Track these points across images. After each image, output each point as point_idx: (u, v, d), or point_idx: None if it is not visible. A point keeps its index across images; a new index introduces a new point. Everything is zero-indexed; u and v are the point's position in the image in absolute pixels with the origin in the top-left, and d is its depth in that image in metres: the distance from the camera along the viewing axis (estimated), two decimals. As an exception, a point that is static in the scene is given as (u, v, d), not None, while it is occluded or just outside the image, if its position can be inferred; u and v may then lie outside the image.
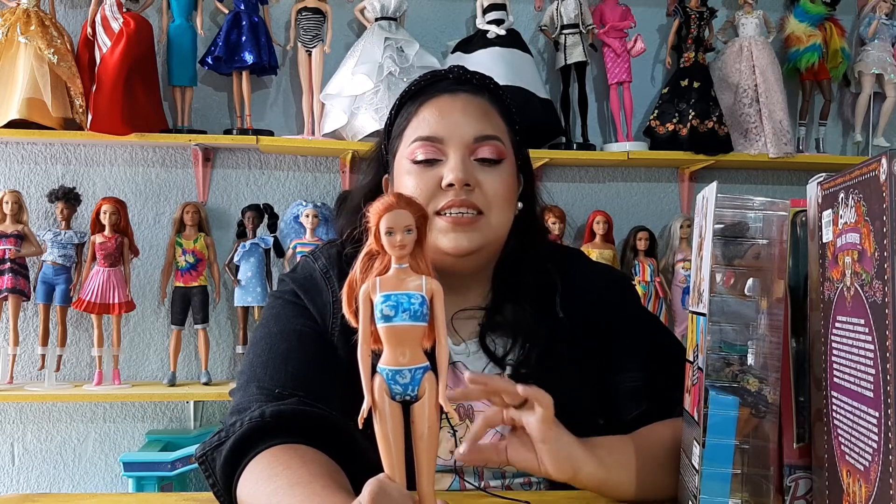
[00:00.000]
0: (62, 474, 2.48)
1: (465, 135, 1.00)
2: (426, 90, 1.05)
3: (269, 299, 1.09)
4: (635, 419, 0.98)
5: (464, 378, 1.02)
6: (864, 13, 2.76)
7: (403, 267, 0.62)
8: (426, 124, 1.01)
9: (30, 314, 2.42)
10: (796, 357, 0.73)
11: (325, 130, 2.42)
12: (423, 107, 1.03)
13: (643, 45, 2.57)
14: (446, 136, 1.00)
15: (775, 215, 0.73)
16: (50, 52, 2.24)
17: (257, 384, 0.96)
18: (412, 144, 1.01)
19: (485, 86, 1.07)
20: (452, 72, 1.07)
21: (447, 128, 1.00)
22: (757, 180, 2.79)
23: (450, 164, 0.99)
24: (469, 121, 1.01)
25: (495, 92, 1.07)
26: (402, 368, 0.61)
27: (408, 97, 1.06)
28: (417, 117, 1.03)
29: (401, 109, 1.06)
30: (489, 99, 1.05)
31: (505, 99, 1.08)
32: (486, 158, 1.00)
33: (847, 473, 0.64)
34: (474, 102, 1.03)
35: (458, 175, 0.97)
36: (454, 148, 0.99)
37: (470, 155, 1.00)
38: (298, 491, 0.78)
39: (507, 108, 1.07)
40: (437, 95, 1.04)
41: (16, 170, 2.48)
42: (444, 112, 1.02)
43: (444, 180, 0.98)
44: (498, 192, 1.00)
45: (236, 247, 2.39)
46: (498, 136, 1.02)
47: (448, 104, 1.02)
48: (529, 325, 1.02)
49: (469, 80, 1.06)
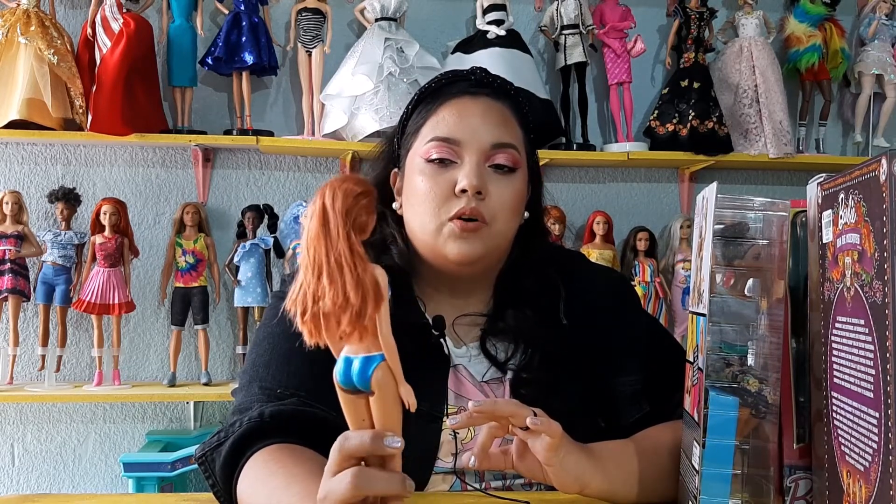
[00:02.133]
0: (62, 475, 2.48)
1: (483, 140, 0.99)
2: (446, 89, 1.04)
3: (271, 299, 1.09)
4: (636, 421, 0.98)
5: (466, 383, 1.02)
6: (864, 13, 2.76)
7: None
8: (444, 124, 1.00)
9: (30, 315, 2.42)
10: (796, 357, 0.73)
11: (325, 131, 2.42)
12: (443, 106, 1.02)
13: (643, 45, 2.57)
14: (464, 140, 0.99)
15: (775, 216, 0.73)
16: (50, 52, 2.24)
17: (259, 384, 0.96)
18: (428, 143, 1.00)
19: (505, 91, 1.06)
20: (474, 73, 1.06)
21: (465, 131, 0.99)
22: (757, 180, 2.79)
23: (465, 168, 0.98)
24: (488, 126, 1.00)
25: (515, 98, 1.06)
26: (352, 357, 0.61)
27: (427, 94, 1.05)
28: (436, 116, 1.02)
29: (419, 105, 1.05)
30: (508, 105, 1.04)
31: (523, 106, 1.07)
32: (501, 165, 0.99)
33: (847, 474, 0.64)
34: (494, 107, 1.02)
35: (473, 181, 0.96)
36: (470, 152, 0.98)
37: (485, 161, 0.99)
38: (295, 489, 0.78)
39: (525, 115, 1.06)
40: (458, 96, 1.02)
41: (16, 170, 2.48)
42: (463, 114, 1.01)
43: (458, 185, 0.97)
44: (506, 202, 0.99)
45: (236, 247, 2.39)
46: (514, 144, 1.01)
47: (468, 106, 1.01)
48: (531, 331, 1.02)
49: (490, 83, 1.05)
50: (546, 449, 0.80)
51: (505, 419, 0.82)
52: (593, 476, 0.83)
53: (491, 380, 1.02)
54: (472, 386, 1.02)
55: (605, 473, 0.84)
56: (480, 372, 1.03)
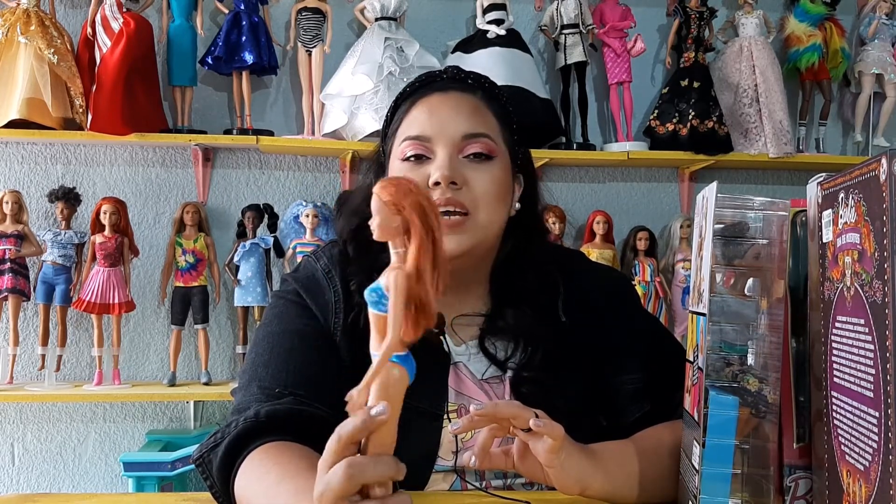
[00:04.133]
0: (62, 474, 2.48)
1: (454, 132, 0.99)
2: (420, 90, 1.05)
3: (271, 299, 1.09)
4: (637, 420, 0.98)
5: (466, 381, 1.02)
6: (864, 13, 2.76)
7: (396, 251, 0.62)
8: (416, 123, 1.01)
9: (30, 314, 2.42)
10: (796, 357, 0.73)
11: (325, 130, 2.42)
12: (415, 106, 1.03)
13: (643, 45, 2.57)
14: (434, 134, 0.99)
15: (775, 215, 0.73)
16: (50, 52, 2.24)
17: (258, 383, 0.96)
18: (402, 143, 1.01)
19: (479, 85, 1.06)
20: (447, 72, 1.07)
21: (435, 126, 1.00)
22: (757, 180, 2.79)
23: (437, 161, 0.98)
24: (458, 118, 1.00)
25: (490, 90, 1.06)
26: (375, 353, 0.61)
27: (402, 98, 1.06)
28: (409, 117, 1.03)
29: (396, 111, 1.06)
30: (482, 97, 1.04)
31: (501, 98, 1.07)
32: (476, 154, 0.99)
33: (847, 473, 0.64)
34: (465, 100, 1.02)
35: (444, 172, 0.96)
36: (441, 145, 0.99)
37: (458, 153, 0.99)
38: (289, 485, 0.78)
39: (503, 107, 1.06)
40: (429, 94, 1.03)
41: (16, 170, 2.48)
42: (433, 110, 1.01)
43: (431, 178, 0.97)
44: (487, 189, 0.99)
45: (236, 247, 2.39)
46: (488, 133, 1.01)
47: (438, 102, 1.02)
48: (531, 329, 1.02)
49: (463, 79, 1.06)
50: (547, 451, 0.80)
51: (506, 420, 0.82)
52: (594, 477, 0.83)
53: (491, 378, 1.03)
54: (472, 384, 1.02)
55: (605, 474, 0.84)
56: (480, 370, 1.03)
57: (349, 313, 1.00)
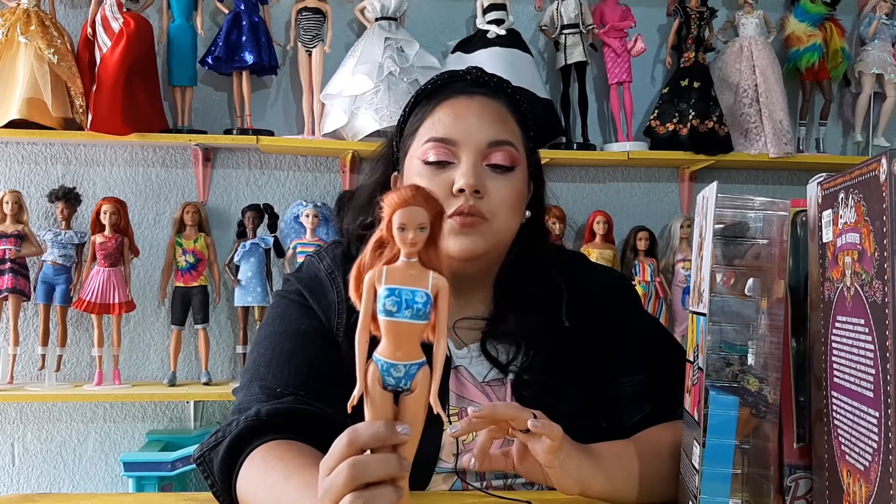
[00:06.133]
0: (62, 474, 2.48)
1: (479, 139, 0.99)
2: (442, 90, 1.04)
3: (274, 298, 1.09)
4: (638, 421, 0.98)
5: (467, 384, 1.02)
6: (864, 13, 2.76)
7: (412, 261, 0.60)
8: (440, 125, 1.00)
9: (30, 314, 2.42)
10: (796, 357, 0.73)
11: (325, 130, 2.41)
12: (439, 107, 1.02)
13: (643, 45, 2.57)
14: (460, 139, 0.99)
15: (775, 215, 0.73)
16: (50, 52, 2.24)
17: (260, 383, 0.96)
18: (425, 145, 1.00)
19: (502, 89, 1.05)
20: (470, 73, 1.06)
21: (461, 130, 0.99)
22: (757, 180, 2.79)
23: (461, 168, 0.97)
24: (484, 125, 1.00)
25: (512, 96, 1.06)
26: (398, 363, 0.60)
27: (423, 96, 1.05)
28: (432, 117, 1.02)
29: (415, 107, 1.05)
30: (506, 103, 1.04)
31: (522, 103, 1.07)
32: (499, 165, 0.99)
33: (847, 473, 0.64)
34: (490, 106, 1.02)
35: (470, 181, 0.96)
36: (467, 152, 0.98)
37: (483, 160, 0.99)
38: (294, 482, 0.78)
39: (524, 113, 1.06)
40: (454, 96, 1.02)
41: (16, 170, 2.48)
42: (459, 114, 1.00)
43: (455, 185, 0.97)
44: (505, 199, 0.99)
45: (236, 247, 2.39)
46: (512, 141, 1.01)
47: (464, 106, 1.01)
48: (533, 333, 1.02)
49: (486, 82, 1.05)
50: (546, 451, 0.80)
51: (505, 422, 0.82)
52: (594, 478, 0.83)
53: (492, 381, 1.02)
54: (473, 387, 1.02)
55: (605, 475, 0.84)
56: (482, 373, 1.03)
57: (352, 314, 1.00)
